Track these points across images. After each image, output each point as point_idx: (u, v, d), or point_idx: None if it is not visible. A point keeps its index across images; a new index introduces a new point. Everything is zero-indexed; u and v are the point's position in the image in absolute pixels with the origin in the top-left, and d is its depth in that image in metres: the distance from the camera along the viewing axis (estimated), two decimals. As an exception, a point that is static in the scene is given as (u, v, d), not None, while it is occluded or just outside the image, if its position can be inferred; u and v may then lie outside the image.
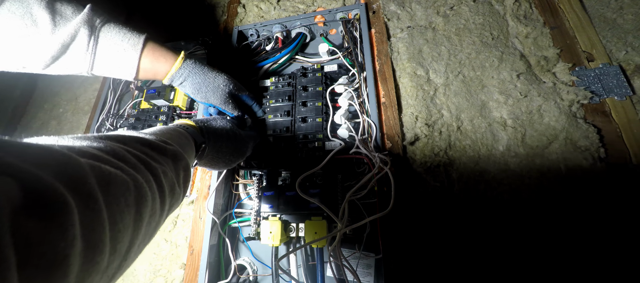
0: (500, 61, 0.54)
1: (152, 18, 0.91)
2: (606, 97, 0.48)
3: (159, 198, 0.26)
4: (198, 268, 0.49)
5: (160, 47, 0.46)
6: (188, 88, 0.48)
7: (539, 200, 0.44)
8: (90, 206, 0.18)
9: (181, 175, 0.32)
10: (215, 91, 0.48)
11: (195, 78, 0.47)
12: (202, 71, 0.48)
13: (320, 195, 0.46)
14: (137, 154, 0.26)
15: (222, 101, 0.49)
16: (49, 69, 0.42)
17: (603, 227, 0.41)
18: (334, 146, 0.50)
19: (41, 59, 0.40)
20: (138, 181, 0.23)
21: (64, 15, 0.40)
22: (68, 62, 0.42)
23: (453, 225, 0.45)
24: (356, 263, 0.46)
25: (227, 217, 0.54)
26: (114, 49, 0.43)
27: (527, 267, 0.41)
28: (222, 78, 0.49)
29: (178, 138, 0.35)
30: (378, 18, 0.64)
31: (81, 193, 0.18)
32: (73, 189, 0.17)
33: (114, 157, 0.23)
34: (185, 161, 0.33)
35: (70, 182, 0.17)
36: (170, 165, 0.30)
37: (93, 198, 0.18)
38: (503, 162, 0.47)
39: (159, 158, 0.29)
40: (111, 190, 0.20)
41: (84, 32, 0.41)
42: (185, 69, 0.47)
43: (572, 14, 0.55)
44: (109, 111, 0.73)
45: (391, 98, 0.54)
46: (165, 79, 0.47)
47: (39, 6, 0.39)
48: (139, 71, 0.45)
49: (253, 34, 0.70)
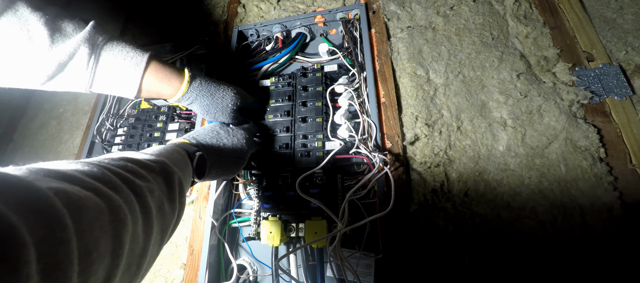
0: (500, 61, 0.54)
1: (152, 18, 0.91)
2: (606, 97, 0.48)
3: (141, 220, 0.24)
4: (198, 268, 0.49)
5: (164, 67, 0.44)
6: (196, 109, 0.47)
7: (539, 200, 0.44)
8: (57, 236, 0.16)
9: (176, 190, 0.30)
10: (224, 110, 0.47)
11: (203, 100, 0.46)
12: (209, 92, 0.46)
13: (320, 195, 0.46)
14: (119, 173, 0.24)
15: (230, 118, 0.48)
16: (46, 86, 0.41)
17: (603, 226, 0.41)
18: (334, 146, 0.50)
19: (37, 76, 0.39)
20: (114, 202, 0.21)
21: (64, 32, 0.39)
22: (66, 79, 0.40)
23: (452, 225, 0.45)
24: (356, 263, 0.46)
25: (227, 217, 0.54)
26: (115, 68, 0.41)
27: (527, 266, 0.41)
28: (229, 96, 0.48)
29: (170, 153, 0.34)
30: (378, 18, 0.64)
31: (43, 223, 0.15)
32: (32, 220, 0.15)
33: (91, 178, 0.21)
34: (177, 175, 0.31)
35: (27, 211, 0.15)
36: (160, 182, 0.28)
37: (61, 226, 0.16)
38: (503, 162, 0.47)
39: (147, 175, 0.27)
40: (84, 215, 0.18)
41: (84, 50, 0.39)
42: (192, 93, 0.45)
43: (572, 14, 0.55)
44: (109, 111, 0.73)
45: (391, 98, 0.54)
46: (171, 101, 0.46)
47: (37, 22, 0.37)
48: (141, 90, 0.43)
49: (253, 34, 0.70)
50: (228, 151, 0.44)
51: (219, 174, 0.43)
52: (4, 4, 0.36)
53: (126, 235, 0.21)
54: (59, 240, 0.16)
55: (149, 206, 0.25)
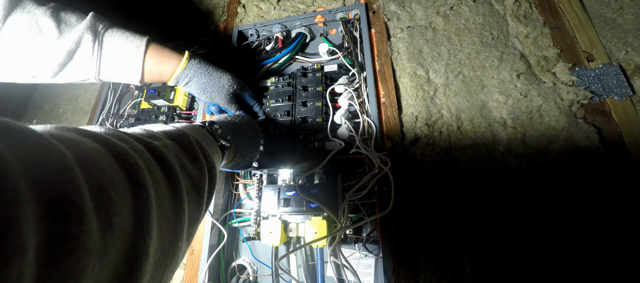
0: (500, 61, 0.54)
1: (152, 18, 0.91)
2: (606, 97, 0.48)
3: (159, 169, 0.21)
4: (198, 268, 0.49)
5: (164, 48, 0.46)
6: (193, 88, 0.48)
7: (539, 200, 0.44)
8: (54, 160, 0.14)
9: (196, 149, 0.28)
10: (221, 91, 0.48)
11: (200, 78, 0.47)
12: (207, 70, 0.48)
13: (320, 195, 0.46)
14: (125, 131, 0.23)
15: (226, 101, 0.49)
16: (58, 77, 0.43)
17: (603, 226, 0.41)
18: (334, 146, 0.50)
19: (49, 67, 0.41)
20: (118, 147, 0.19)
21: (69, 23, 0.41)
22: (75, 69, 0.42)
23: (453, 225, 0.45)
24: (356, 263, 0.46)
25: (227, 217, 0.54)
26: (117, 52, 0.43)
27: (527, 266, 0.41)
28: (227, 78, 0.49)
29: (184, 126, 0.32)
30: (378, 18, 0.64)
31: (35, 149, 0.13)
32: (24, 154, 0.13)
33: (86, 130, 0.19)
34: (191, 136, 0.29)
35: (18, 142, 0.13)
36: (174, 145, 0.26)
37: (59, 153, 0.14)
38: (503, 162, 0.47)
39: (159, 137, 0.26)
40: (85, 154, 0.16)
41: (88, 37, 0.41)
42: (190, 70, 0.47)
43: (572, 14, 0.55)
44: (109, 111, 0.73)
45: (391, 98, 0.54)
46: (171, 80, 0.47)
47: (44, 15, 0.39)
48: (144, 73, 0.45)
49: (253, 34, 0.70)
50: (246, 130, 0.43)
51: (241, 157, 0.41)
52: (11, 2, 0.38)
53: (145, 178, 0.19)
54: (57, 164, 0.13)
55: (166, 158, 0.23)
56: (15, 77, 0.41)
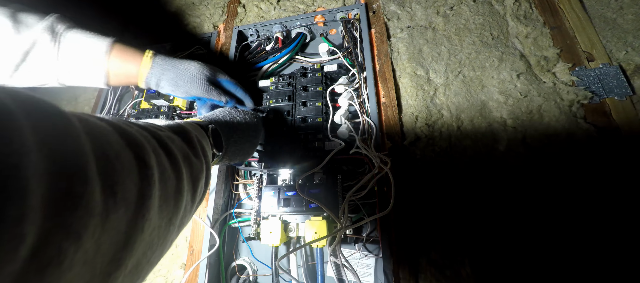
0: (500, 61, 0.54)
1: (152, 18, 0.91)
2: (606, 97, 0.48)
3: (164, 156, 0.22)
4: (198, 268, 0.49)
5: (129, 48, 0.44)
6: (166, 87, 0.46)
7: (539, 200, 0.44)
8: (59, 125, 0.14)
9: (198, 147, 0.29)
10: (193, 81, 0.46)
11: (169, 74, 0.45)
12: (172, 64, 0.46)
13: (320, 195, 0.46)
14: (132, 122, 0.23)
15: (203, 90, 0.46)
16: (15, 78, 0.42)
17: (603, 226, 0.41)
18: (334, 146, 0.50)
19: (5, 67, 0.40)
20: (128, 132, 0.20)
21: (27, 24, 0.40)
22: (31, 70, 0.41)
23: (453, 225, 0.45)
24: (356, 263, 0.46)
25: (227, 217, 0.54)
26: (78, 53, 0.42)
27: (527, 265, 0.41)
28: (194, 65, 0.47)
29: (183, 123, 0.33)
30: (378, 18, 0.64)
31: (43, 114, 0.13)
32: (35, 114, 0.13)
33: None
34: (194, 134, 0.30)
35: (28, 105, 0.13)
36: (179, 139, 0.27)
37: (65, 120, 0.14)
38: (503, 162, 0.47)
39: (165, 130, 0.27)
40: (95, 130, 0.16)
41: (45, 38, 0.40)
42: (156, 68, 0.45)
43: (572, 14, 0.55)
44: (109, 111, 0.73)
45: (391, 98, 0.54)
46: (141, 82, 0.45)
47: (2, 15, 0.39)
48: (109, 75, 0.43)
49: (253, 34, 0.70)
50: (242, 127, 0.42)
51: (236, 154, 0.41)
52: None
53: (150, 158, 0.19)
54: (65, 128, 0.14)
55: (170, 147, 0.23)
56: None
